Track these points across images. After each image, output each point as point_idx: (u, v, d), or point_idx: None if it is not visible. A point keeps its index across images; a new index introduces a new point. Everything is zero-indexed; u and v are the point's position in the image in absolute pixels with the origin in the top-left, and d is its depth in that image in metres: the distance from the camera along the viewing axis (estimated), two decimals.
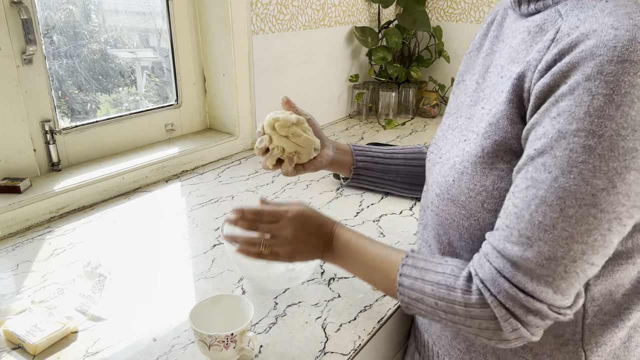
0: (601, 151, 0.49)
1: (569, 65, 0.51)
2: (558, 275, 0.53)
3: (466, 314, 0.58)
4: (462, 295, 0.58)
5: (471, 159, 0.62)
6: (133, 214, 1.18)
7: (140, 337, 0.77)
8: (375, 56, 1.94)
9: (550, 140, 0.52)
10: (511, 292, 0.54)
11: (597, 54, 0.49)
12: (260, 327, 0.79)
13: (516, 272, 0.54)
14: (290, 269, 0.86)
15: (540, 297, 0.54)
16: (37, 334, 0.74)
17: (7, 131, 1.12)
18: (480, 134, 0.62)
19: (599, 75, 0.49)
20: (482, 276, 0.57)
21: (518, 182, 0.55)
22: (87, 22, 1.31)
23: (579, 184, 0.50)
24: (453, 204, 0.65)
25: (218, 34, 1.48)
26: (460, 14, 1.98)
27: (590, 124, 0.49)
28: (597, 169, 0.49)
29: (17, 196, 1.09)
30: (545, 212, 0.52)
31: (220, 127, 1.61)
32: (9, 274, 0.93)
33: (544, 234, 0.52)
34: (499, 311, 0.55)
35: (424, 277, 0.62)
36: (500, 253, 0.55)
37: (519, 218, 0.54)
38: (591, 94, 0.49)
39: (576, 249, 0.51)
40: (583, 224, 0.51)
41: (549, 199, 0.52)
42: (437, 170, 0.70)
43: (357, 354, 0.76)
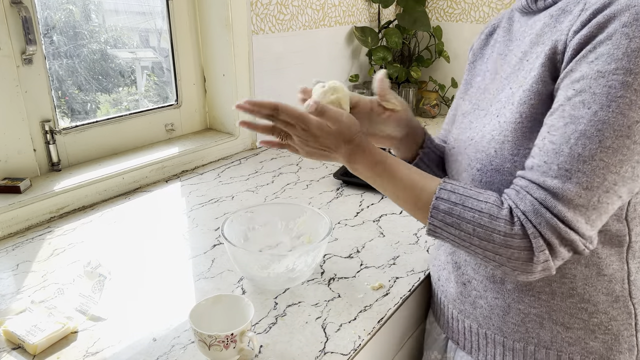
0: (638, 86, 0.53)
1: (605, 17, 0.55)
2: (592, 205, 0.56)
3: (504, 242, 0.60)
4: (505, 224, 0.60)
5: (510, 127, 0.64)
6: (133, 214, 1.18)
7: (140, 337, 0.77)
8: (375, 56, 1.94)
9: (589, 81, 0.55)
10: (552, 222, 0.57)
11: (632, 4, 0.54)
12: (260, 327, 0.79)
13: (557, 202, 0.57)
14: (290, 269, 0.86)
15: (575, 226, 0.57)
16: (37, 334, 0.74)
17: (7, 131, 1.12)
18: (515, 102, 0.65)
19: (635, 21, 0.53)
20: (523, 208, 0.59)
21: (554, 122, 0.58)
22: (87, 22, 1.31)
23: (617, 116, 0.54)
24: (498, 172, 0.67)
25: (218, 34, 1.48)
26: (460, 14, 1.98)
27: (628, 62, 0.53)
28: (634, 103, 0.53)
29: (17, 196, 1.09)
30: (585, 144, 0.55)
31: (220, 127, 1.61)
32: (9, 274, 0.93)
33: (582, 165, 0.55)
34: (536, 242, 0.58)
35: (464, 203, 0.63)
36: (541, 186, 0.58)
37: (557, 153, 0.57)
38: (629, 37, 0.53)
39: (610, 179, 0.55)
40: (618, 154, 0.55)
41: (589, 131, 0.55)
42: (474, 149, 0.71)
43: (357, 354, 0.76)
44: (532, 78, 0.63)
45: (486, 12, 1.91)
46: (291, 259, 0.86)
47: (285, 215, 0.99)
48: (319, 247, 0.86)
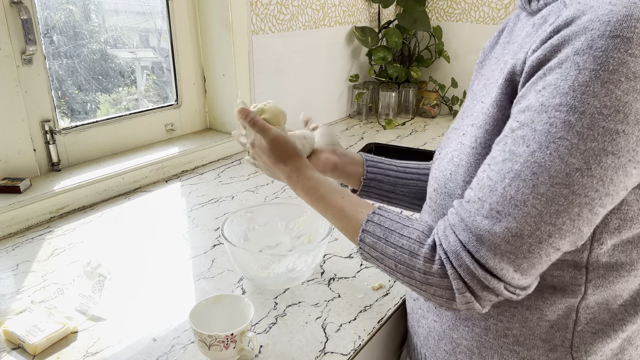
0: (580, 129, 0.47)
1: (560, 39, 0.50)
2: (521, 253, 0.51)
3: (424, 280, 0.58)
4: (424, 263, 0.57)
5: (466, 151, 0.61)
6: (133, 214, 1.18)
7: (140, 337, 0.77)
8: (375, 56, 1.94)
9: (532, 113, 0.50)
10: (472, 267, 0.53)
11: (589, 28, 0.47)
12: (260, 327, 0.79)
13: (480, 247, 0.53)
14: (290, 269, 0.86)
15: (499, 274, 0.53)
16: (37, 334, 0.74)
17: (7, 131, 1.12)
18: (475, 124, 0.62)
19: (588, 49, 0.47)
20: (445, 247, 0.56)
21: (495, 154, 0.54)
22: (87, 22, 1.31)
23: (554, 160, 0.48)
24: (450, 197, 0.64)
25: (218, 34, 1.48)
26: (460, 14, 1.98)
27: (573, 99, 0.48)
28: (574, 147, 0.48)
29: (17, 196, 1.09)
30: (518, 187, 0.50)
31: (220, 127, 1.61)
32: (9, 274, 0.93)
33: (514, 209, 0.51)
34: (456, 284, 0.55)
35: (387, 238, 0.61)
36: (468, 226, 0.54)
37: (492, 191, 0.52)
38: (578, 68, 0.47)
39: (543, 229, 0.50)
40: (553, 204, 0.49)
41: (524, 173, 0.50)
42: (436, 166, 0.69)
43: (357, 354, 0.76)
44: (490, 100, 0.59)
45: (486, 12, 1.91)
46: (291, 259, 0.86)
47: (285, 215, 0.99)
48: (319, 247, 0.86)
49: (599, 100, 0.47)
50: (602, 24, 0.47)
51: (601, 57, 0.46)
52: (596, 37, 0.47)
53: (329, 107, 1.93)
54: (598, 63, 0.46)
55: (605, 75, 0.46)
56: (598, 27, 0.47)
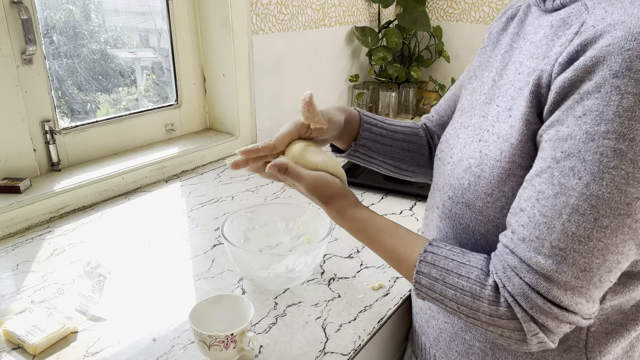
0: (633, 156, 0.46)
1: (593, 60, 0.47)
2: (593, 285, 0.51)
3: (491, 322, 0.56)
4: (489, 306, 0.55)
5: (489, 163, 0.59)
6: (133, 214, 1.18)
7: (140, 337, 0.77)
8: (375, 56, 1.94)
9: (578, 142, 0.48)
10: (545, 307, 0.52)
11: (625, 47, 0.45)
12: (260, 327, 0.79)
13: (551, 287, 0.51)
14: (290, 269, 0.86)
15: (574, 309, 0.52)
16: (37, 334, 0.74)
17: (7, 131, 1.12)
18: (500, 135, 0.59)
19: (627, 71, 0.45)
20: (511, 290, 0.54)
21: (543, 188, 0.51)
22: (87, 22, 1.31)
23: (612, 192, 0.47)
24: (468, 208, 0.62)
25: (218, 34, 1.48)
26: (460, 14, 1.98)
27: (620, 125, 0.46)
28: (631, 176, 0.46)
29: (17, 196, 1.09)
30: (578, 222, 0.49)
31: (220, 127, 1.61)
32: (9, 274, 0.93)
33: (578, 245, 0.49)
34: (528, 326, 0.53)
35: (445, 279, 0.59)
36: (532, 267, 0.52)
37: (550, 228, 0.50)
38: (620, 93, 0.46)
39: (612, 259, 0.49)
40: (618, 234, 0.48)
41: (582, 207, 0.48)
42: (449, 172, 0.67)
43: (357, 354, 0.75)
44: (518, 114, 0.57)
45: (486, 12, 1.91)
46: (291, 259, 0.86)
47: (285, 215, 0.99)
48: (319, 247, 0.86)
49: None
50: (638, 44, 0.45)
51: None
52: (634, 57, 0.45)
53: None
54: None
55: None
56: (635, 47, 0.45)
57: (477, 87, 0.71)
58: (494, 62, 0.70)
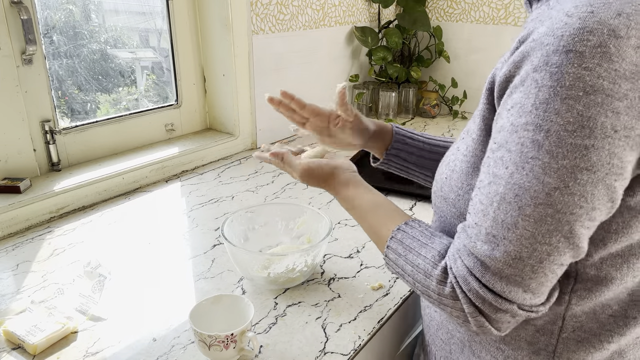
0: (549, 147, 0.47)
1: (521, 55, 0.49)
2: (526, 275, 0.51)
3: (439, 300, 0.59)
4: (437, 285, 0.58)
5: (459, 157, 0.62)
6: (133, 214, 1.18)
7: (140, 337, 0.77)
8: (375, 56, 1.94)
9: (505, 134, 0.50)
10: (480, 291, 0.53)
11: (544, 42, 0.47)
12: (260, 327, 0.79)
13: (485, 272, 0.53)
14: (290, 269, 0.86)
15: (509, 296, 0.52)
16: (37, 334, 0.74)
17: (7, 131, 1.12)
18: (467, 131, 0.63)
19: (544, 65, 0.46)
20: (455, 272, 0.56)
21: (482, 177, 0.54)
22: (87, 22, 1.31)
23: (532, 181, 0.48)
24: (445, 201, 0.65)
25: (218, 34, 1.48)
26: (460, 14, 1.98)
27: (536, 117, 0.47)
28: (548, 166, 0.47)
29: (17, 196, 1.09)
30: (506, 210, 0.50)
31: (220, 127, 1.61)
32: (9, 274, 0.93)
33: (507, 233, 0.50)
34: (467, 308, 0.55)
35: (407, 256, 0.63)
36: (471, 251, 0.54)
37: (485, 215, 0.52)
38: (537, 86, 0.47)
39: (540, 250, 0.50)
40: (543, 224, 0.49)
41: (508, 196, 0.50)
42: (438, 168, 0.70)
43: (357, 354, 0.76)
44: (477, 112, 0.59)
45: (486, 12, 1.91)
46: (291, 259, 0.86)
47: (285, 215, 0.99)
48: (319, 247, 0.86)
49: (561, 117, 0.46)
50: (555, 39, 0.46)
51: (557, 74, 0.46)
52: (551, 52, 0.46)
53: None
54: (555, 79, 0.46)
55: (563, 92, 0.46)
56: (552, 42, 0.46)
57: None
58: None
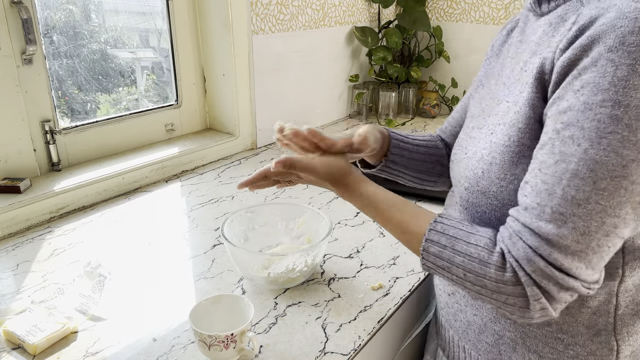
0: (628, 121, 0.49)
1: (589, 38, 0.52)
2: (591, 250, 0.53)
3: (496, 289, 0.58)
4: (496, 271, 0.57)
5: (498, 149, 0.62)
6: (133, 214, 1.18)
7: (140, 337, 0.77)
8: (375, 56, 1.94)
9: (576, 113, 0.52)
10: (547, 270, 0.54)
11: (617, 25, 0.50)
12: (260, 327, 0.79)
13: (552, 250, 0.53)
14: (290, 269, 0.86)
15: (575, 273, 0.54)
16: (37, 334, 0.74)
17: (7, 131, 1.12)
18: (506, 123, 0.62)
19: (621, 45, 0.49)
20: (515, 254, 0.56)
21: (545, 158, 0.55)
22: (87, 22, 1.31)
23: (609, 155, 0.50)
24: (484, 195, 0.64)
25: (218, 34, 1.48)
26: (460, 14, 1.98)
27: (615, 93, 0.49)
28: (626, 140, 0.49)
29: (17, 196, 1.09)
30: (578, 186, 0.51)
31: (220, 127, 1.61)
32: (9, 274, 0.93)
33: (577, 209, 0.52)
34: (531, 290, 0.55)
35: (454, 247, 0.61)
36: (534, 231, 0.54)
37: (550, 194, 0.53)
38: (614, 65, 0.49)
39: (609, 222, 0.52)
40: (615, 196, 0.51)
41: (581, 172, 0.51)
42: (464, 165, 0.69)
43: (357, 354, 0.76)
44: (523, 100, 0.60)
45: (486, 12, 1.91)
46: (291, 259, 0.86)
47: (285, 215, 0.99)
48: (319, 247, 0.86)
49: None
50: (630, 21, 0.49)
51: (635, 52, 0.49)
52: (627, 33, 0.49)
53: (329, 107, 1.93)
54: (633, 57, 0.49)
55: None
56: (626, 24, 0.49)
57: (486, 94, 0.75)
58: (499, 70, 0.74)
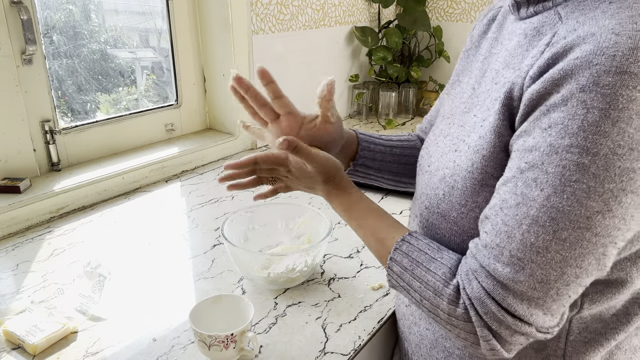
0: (596, 170, 0.45)
1: (562, 72, 0.47)
2: (550, 297, 0.50)
3: (448, 320, 0.56)
4: (448, 305, 0.55)
5: (461, 174, 0.59)
6: (133, 214, 1.18)
7: (140, 337, 0.77)
8: (376, 56, 1.94)
9: (541, 154, 0.48)
10: (499, 314, 0.51)
11: (593, 62, 0.45)
12: (260, 327, 0.79)
13: (506, 295, 0.51)
14: (290, 269, 0.86)
15: (529, 320, 0.51)
16: (37, 334, 0.74)
17: (7, 131, 1.12)
18: (471, 146, 0.59)
19: (594, 86, 0.44)
20: (469, 293, 0.54)
21: (507, 197, 0.51)
22: (87, 22, 1.31)
23: (572, 205, 0.46)
24: (444, 219, 0.62)
25: (218, 34, 1.48)
26: (460, 14, 1.98)
27: (584, 139, 0.45)
28: (592, 190, 0.46)
29: (17, 196, 1.09)
30: (537, 233, 0.48)
31: (220, 127, 1.61)
32: (9, 274, 0.93)
33: (536, 256, 0.49)
34: (481, 331, 0.53)
35: (414, 271, 0.60)
36: (490, 273, 0.52)
37: (510, 237, 0.50)
38: (586, 107, 0.45)
39: (569, 273, 0.49)
40: (577, 247, 0.47)
41: (542, 219, 0.48)
42: (426, 181, 0.67)
43: (357, 354, 0.75)
44: (489, 125, 0.56)
45: None
46: (291, 259, 0.86)
47: (285, 215, 0.99)
48: (319, 247, 0.86)
49: (611, 141, 0.44)
50: (607, 59, 0.44)
51: (610, 95, 0.44)
52: (602, 72, 0.44)
53: None
54: (607, 101, 0.44)
55: (615, 114, 0.44)
56: (603, 61, 0.44)
57: (458, 94, 0.71)
58: (474, 67, 0.70)
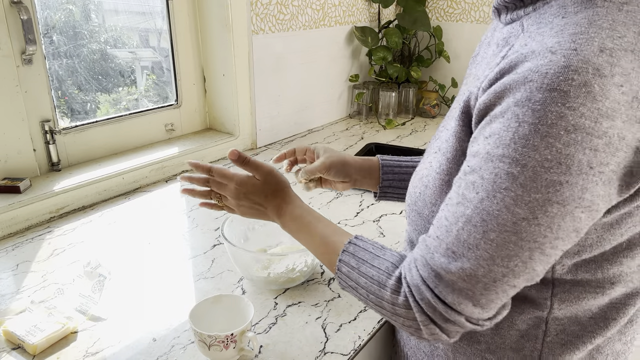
0: (523, 181, 0.48)
1: (503, 86, 0.50)
2: (478, 291, 0.53)
3: (392, 310, 0.59)
4: (391, 295, 0.59)
5: (432, 174, 0.63)
6: (133, 214, 1.18)
7: (140, 337, 0.77)
8: (376, 56, 1.94)
9: (480, 161, 0.51)
10: (432, 301, 0.55)
11: (528, 79, 0.47)
12: (260, 327, 0.79)
13: (438, 283, 0.54)
14: (290, 269, 0.86)
15: (458, 308, 0.54)
16: (37, 334, 0.74)
17: (7, 131, 1.12)
18: (441, 149, 0.63)
19: (527, 101, 0.47)
20: (409, 281, 0.57)
21: (452, 195, 0.55)
22: (87, 22, 1.31)
23: (501, 209, 0.50)
24: (419, 216, 0.65)
25: (218, 34, 1.48)
26: (460, 14, 1.98)
27: (514, 151, 0.48)
28: (519, 198, 0.48)
29: (17, 196, 1.09)
30: (470, 232, 0.52)
31: (220, 127, 1.61)
32: (9, 274, 0.93)
33: (467, 252, 0.52)
34: (419, 316, 0.56)
35: (360, 268, 0.63)
36: (427, 262, 0.56)
37: (448, 232, 0.54)
38: (518, 120, 0.48)
39: (496, 271, 0.51)
40: (503, 249, 0.50)
41: (474, 219, 0.52)
42: (411, 180, 0.70)
43: (357, 354, 0.76)
44: (451, 130, 0.60)
45: (486, 12, 1.91)
46: (291, 259, 0.86)
47: None
48: None
49: (539, 154, 0.47)
50: (540, 76, 0.47)
51: (539, 111, 0.46)
52: (534, 89, 0.47)
53: (329, 107, 1.93)
54: (537, 117, 0.46)
55: (544, 129, 0.46)
56: (536, 78, 0.47)
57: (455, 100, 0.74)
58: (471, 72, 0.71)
